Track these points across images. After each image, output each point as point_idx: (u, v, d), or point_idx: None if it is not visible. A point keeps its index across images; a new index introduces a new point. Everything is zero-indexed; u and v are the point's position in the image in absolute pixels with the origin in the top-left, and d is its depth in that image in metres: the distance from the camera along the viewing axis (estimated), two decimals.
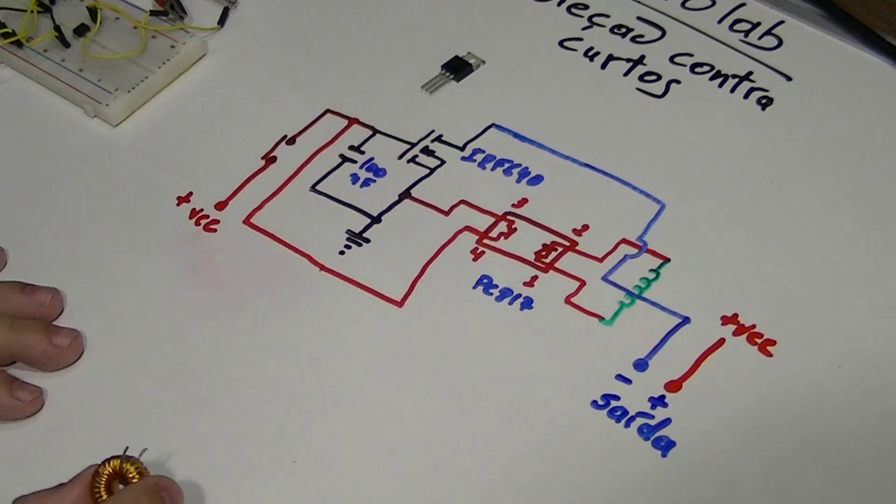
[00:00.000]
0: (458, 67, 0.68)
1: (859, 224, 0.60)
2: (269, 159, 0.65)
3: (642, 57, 0.68)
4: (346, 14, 0.72)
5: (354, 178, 0.64)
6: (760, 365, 0.55)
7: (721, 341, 0.56)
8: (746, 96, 0.66)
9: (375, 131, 0.66)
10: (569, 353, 0.56)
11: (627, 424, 0.54)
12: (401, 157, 0.65)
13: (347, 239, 0.62)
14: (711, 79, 0.67)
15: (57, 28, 0.70)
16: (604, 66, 0.68)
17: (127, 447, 0.52)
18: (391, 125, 0.66)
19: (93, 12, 0.71)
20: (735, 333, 0.56)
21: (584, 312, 0.58)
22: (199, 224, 0.63)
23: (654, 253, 0.59)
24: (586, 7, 0.71)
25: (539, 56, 0.69)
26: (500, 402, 0.55)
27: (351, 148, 0.66)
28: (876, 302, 0.57)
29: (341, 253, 0.61)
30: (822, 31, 0.69)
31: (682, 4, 0.71)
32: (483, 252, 0.60)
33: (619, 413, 0.54)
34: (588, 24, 0.70)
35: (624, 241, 0.60)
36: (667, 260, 0.59)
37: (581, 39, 0.69)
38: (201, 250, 0.62)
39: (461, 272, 0.60)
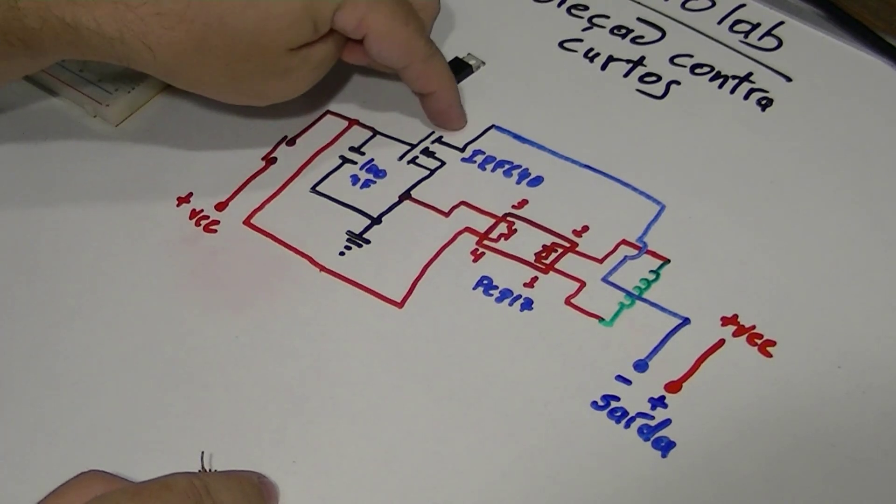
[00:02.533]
0: (458, 69, 0.68)
1: (859, 224, 0.60)
2: (270, 160, 0.65)
3: (642, 58, 0.68)
4: None
5: (354, 179, 0.64)
6: (760, 365, 0.55)
7: (721, 342, 0.56)
8: (746, 97, 0.66)
9: (375, 132, 0.66)
10: (569, 353, 0.56)
11: (627, 425, 0.54)
12: (401, 158, 0.65)
13: (347, 240, 0.62)
14: (711, 80, 0.67)
15: None
16: (604, 67, 0.68)
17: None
18: (391, 126, 0.66)
19: None
20: (735, 334, 0.56)
21: (584, 313, 0.58)
22: (199, 225, 0.63)
23: (653, 254, 0.59)
24: (586, 8, 0.71)
25: (539, 57, 0.69)
26: (500, 403, 0.55)
27: (351, 149, 0.66)
28: (876, 302, 0.57)
29: (341, 254, 0.61)
30: (822, 32, 0.69)
31: (682, 5, 0.71)
32: (483, 253, 0.60)
33: (619, 414, 0.54)
34: (588, 25, 0.70)
35: (624, 242, 0.60)
36: (667, 261, 0.59)
37: (581, 41, 0.69)
38: (201, 251, 0.62)
39: (461, 273, 0.60)
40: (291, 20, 0.58)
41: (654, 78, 0.67)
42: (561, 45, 0.69)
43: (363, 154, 0.65)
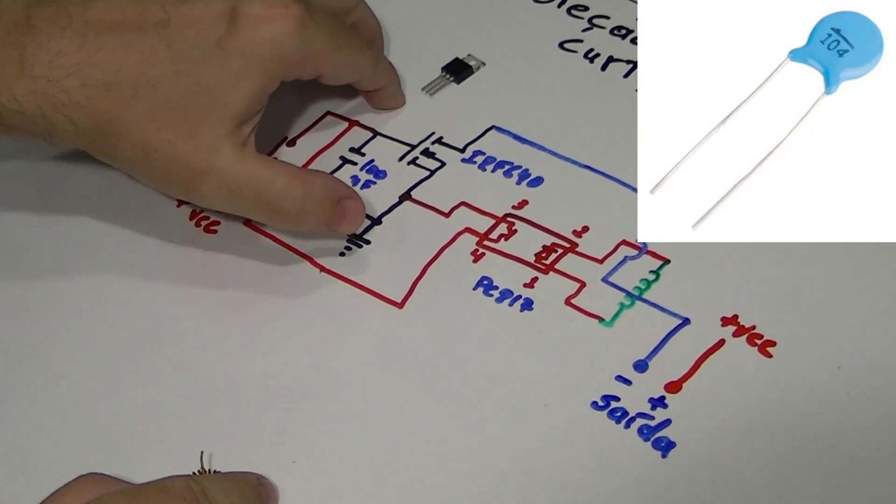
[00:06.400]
0: (458, 69, 0.68)
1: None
2: None
3: None
4: None
5: (355, 179, 0.64)
6: (760, 366, 0.55)
7: (721, 342, 0.56)
8: None
9: (376, 133, 0.66)
10: (569, 354, 0.56)
11: (627, 425, 0.54)
12: (401, 158, 0.65)
13: (348, 240, 0.62)
14: None
15: None
16: (604, 67, 0.68)
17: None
18: (391, 127, 0.66)
19: None
20: (735, 334, 0.56)
21: (584, 314, 0.58)
22: (200, 225, 0.63)
23: (653, 254, 0.59)
24: (586, 9, 0.71)
25: (539, 58, 0.69)
26: (500, 403, 0.55)
27: (351, 150, 0.66)
28: (876, 302, 0.57)
29: (341, 254, 0.61)
30: None
31: None
32: (483, 253, 0.60)
33: (619, 414, 0.54)
34: (588, 25, 0.70)
35: (624, 242, 0.60)
36: (667, 261, 0.59)
37: (581, 41, 0.69)
38: (201, 251, 0.62)
39: (461, 274, 0.60)
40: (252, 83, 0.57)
41: None
42: (561, 45, 0.69)
43: (363, 155, 0.65)
